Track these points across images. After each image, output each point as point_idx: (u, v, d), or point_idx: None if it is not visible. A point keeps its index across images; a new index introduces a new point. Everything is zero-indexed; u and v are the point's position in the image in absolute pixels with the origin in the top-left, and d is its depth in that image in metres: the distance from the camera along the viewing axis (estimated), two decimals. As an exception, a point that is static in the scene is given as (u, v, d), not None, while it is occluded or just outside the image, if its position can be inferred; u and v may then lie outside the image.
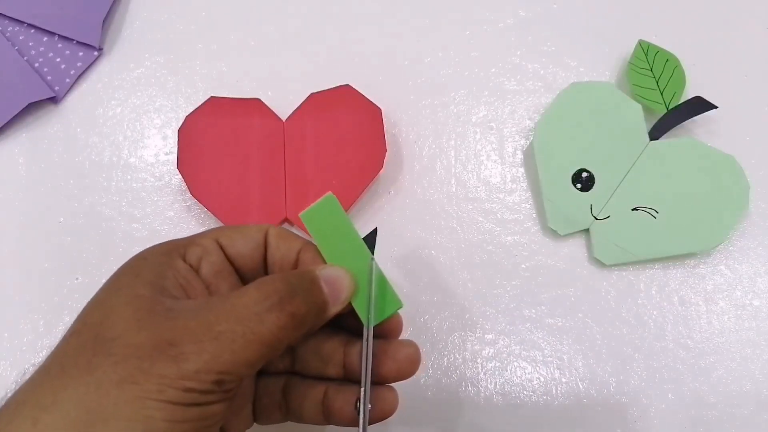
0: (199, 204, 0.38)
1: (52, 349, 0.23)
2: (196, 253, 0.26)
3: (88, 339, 0.22)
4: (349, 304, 0.27)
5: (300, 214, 0.27)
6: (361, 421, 0.25)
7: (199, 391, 0.21)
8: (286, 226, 0.39)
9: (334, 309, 0.25)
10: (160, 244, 0.26)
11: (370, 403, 0.26)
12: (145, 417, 0.20)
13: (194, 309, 0.23)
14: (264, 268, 0.28)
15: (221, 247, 0.27)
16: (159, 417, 0.20)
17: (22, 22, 0.44)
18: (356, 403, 0.27)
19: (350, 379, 0.28)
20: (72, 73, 0.43)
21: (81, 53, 0.43)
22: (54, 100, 0.42)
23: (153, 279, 0.24)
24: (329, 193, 0.27)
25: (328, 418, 0.28)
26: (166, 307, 0.23)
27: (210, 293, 0.26)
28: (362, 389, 0.26)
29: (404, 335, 0.38)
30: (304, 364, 0.29)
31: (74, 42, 0.43)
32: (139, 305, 0.22)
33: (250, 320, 0.22)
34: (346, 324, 0.28)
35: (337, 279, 0.26)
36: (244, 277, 0.28)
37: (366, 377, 0.26)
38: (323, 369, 0.28)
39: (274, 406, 0.28)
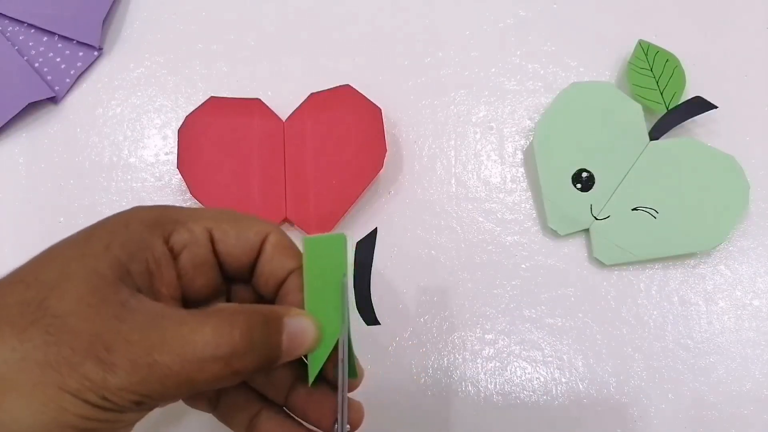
0: (199, 204, 0.38)
1: None
2: (183, 238, 0.24)
3: (35, 299, 0.21)
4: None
5: (303, 238, 0.25)
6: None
7: (117, 404, 0.20)
8: (286, 226, 0.39)
9: (285, 360, 0.24)
10: (153, 209, 0.25)
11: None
12: (58, 406, 0.20)
13: (144, 320, 0.21)
14: (251, 270, 0.26)
15: (212, 239, 0.25)
16: (72, 411, 0.20)
17: (22, 22, 0.44)
18: (334, 424, 0.26)
19: (289, 410, 0.27)
20: (72, 73, 0.43)
21: (81, 53, 0.43)
22: (54, 100, 0.42)
23: (122, 257, 0.22)
24: (343, 233, 0.25)
25: None
26: (120, 300, 0.21)
27: (182, 284, 0.25)
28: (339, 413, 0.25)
29: (404, 335, 0.38)
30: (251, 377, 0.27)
31: (74, 42, 0.43)
32: (95, 286, 0.21)
33: (191, 365, 0.21)
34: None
35: (301, 334, 0.24)
36: (226, 272, 0.26)
37: (342, 405, 0.25)
38: (266, 388, 0.27)
39: (204, 398, 0.27)
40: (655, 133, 0.40)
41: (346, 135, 0.39)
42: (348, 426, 0.25)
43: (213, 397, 0.27)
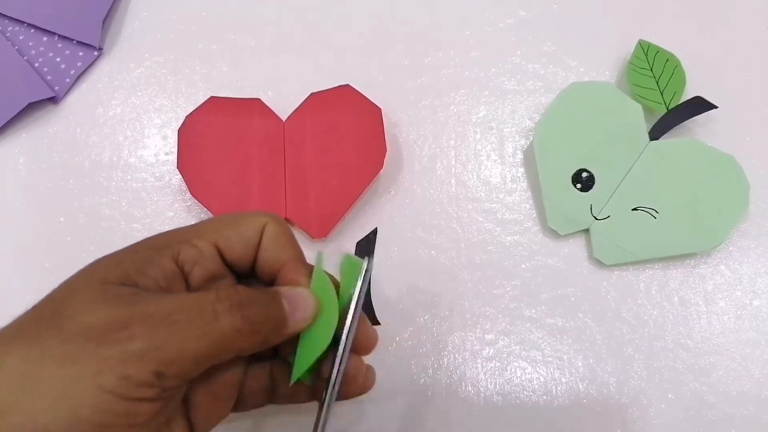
0: (199, 204, 0.38)
1: None
2: (191, 255, 0.25)
3: (47, 313, 0.22)
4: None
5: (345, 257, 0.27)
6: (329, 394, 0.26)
7: (137, 381, 0.20)
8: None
9: (293, 326, 0.25)
10: (159, 236, 0.26)
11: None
12: (73, 399, 0.20)
13: (159, 297, 0.22)
14: (254, 263, 0.27)
15: (219, 251, 0.26)
16: (87, 403, 0.20)
17: (22, 22, 0.44)
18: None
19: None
20: (72, 73, 0.43)
21: (81, 53, 0.43)
22: (54, 100, 0.42)
23: (129, 271, 0.23)
24: (367, 260, 0.26)
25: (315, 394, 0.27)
26: (130, 292, 0.22)
27: None
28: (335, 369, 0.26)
29: (404, 335, 0.38)
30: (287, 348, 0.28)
31: (74, 42, 0.43)
32: (105, 289, 0.22)
33: (207, 315, 0.22)
34: None
35: (298, 297, 0.25)
36: (238, 272, 0.27)
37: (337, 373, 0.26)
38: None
39: (260, 391, 0.28)
40: (655, 133, 0.40)
41: (346, 135, 0.39)
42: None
43: (269, 386, 0.27)
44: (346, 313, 0.26)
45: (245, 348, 0.24)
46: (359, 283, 0.26)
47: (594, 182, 0.39)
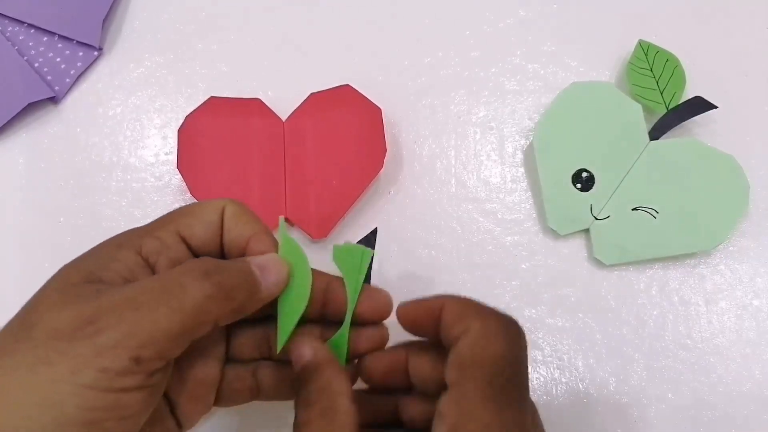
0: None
1: None
2: (153, 247, 0.25)
3: (15, 325, 0.22)
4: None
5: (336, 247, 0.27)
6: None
7: (116, 371, 0.20)
8: (285, 226, 0.39)
9: (267, 290, 0.25)
10: (120, 234, 0.25)
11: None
12: (55, 402, 0.19)
13: (123, 287, 0.22)
14: (221, 249, 0.27)
15: (183, 239, 0.25)
16: (71, 403, 0.19)
17: (22, 22, 0.44)
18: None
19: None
20: (72, 73, 0.43)
21: (81, 53, 0.43)
22: (54, 100, 0.42)
23: (91, 269, 0.23)
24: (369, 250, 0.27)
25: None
26: (95, 289, 0.22)
27: None
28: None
29: (404, 335, 0.38)
30: (274, 353, 0.28)
31: (74, 42, 0.43)
32: (67, 290, 0.22)
33: (173, 289, 0.22)
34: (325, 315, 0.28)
35: (268, 262, 0.25)
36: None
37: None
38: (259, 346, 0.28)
39: (245, 389, 0.28)
40: (655, 133, 0.40)
41: (346, 135, 0.39)
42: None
43: (254, 384, 0.27)
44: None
45: (221, 316, 0.23)
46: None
47: (594, 182, 0.39)
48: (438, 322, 0.25)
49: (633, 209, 0.39)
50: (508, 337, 0.24)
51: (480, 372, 0.22)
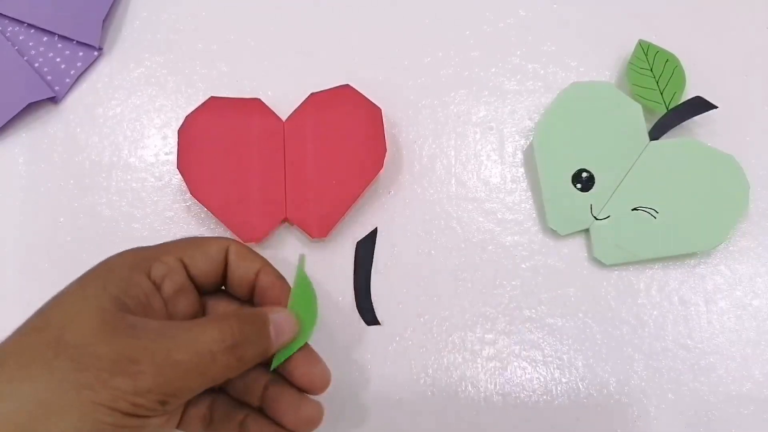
0: (199, 204, 0.38)
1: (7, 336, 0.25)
2: (161, 270, 0.28)
3: (51, 339, 0.24)
4: None
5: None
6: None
7: (146, 407, 0.24)
8: (286, 226, 0.39)
9: (274, 349, 0.28)
10: (128, 252, 0.29)
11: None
12: (94, 418, 0.23)
13: (156, 331, 0.25)
14: (223, 283, 0.31)
15: (184, 266, 0.29)
16: (107, 420, 0.23)
17: (22, 22, 0.44)
18: None
19: (266, 413, 0.30)
20: (72, 73, 0.43)
21: (81, 53, 0.43)
22: (54, 100, 0.42)
23: (118, 294, 0.26)
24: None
25: None
26: (129, 323, 0.25)
27: (168, 310, 0.28)
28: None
29: (404, 335, 0.38)
30: (230, 386, 0.30)
31: (74, 42, 0.43)
32: (104, 318, 0.24)
33: (205, 356, 0.25)
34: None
35: (284, 323, 0.29)
36: (201, 289, 0.30)
37: None
38: (244, 395, 0.30)
39: (199, 419, 0.30)
40: (655, 133, 0.40)
41: (346, 135, 0.39)
42: None
43: (207, 415, 0.30)
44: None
45: (233, 376, 0.27)
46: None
47: (594, 182, 0.39)
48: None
49: (633, 209, 0.39)
50: None
51: None
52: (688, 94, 0.41)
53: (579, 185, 0.39)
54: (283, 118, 0.40)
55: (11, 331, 0.25)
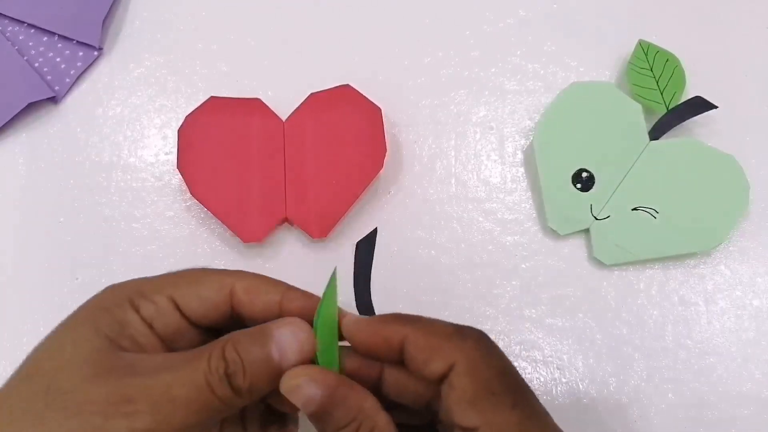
0: (199, 204, 0.38)
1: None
2: (149, 310, 0.25)
3: (41, 388, 0.22)
4: None
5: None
6: None
7: None
8: (286, 225, 0.39)
9: (287, 368, 0.24)
10: (117, 288, 0.26)
11: None
12: None
13: (154, 366, 0.23)
14: (232, 319, 0.26)
15: (177, 306, 0.25)
16: None
17: (22, 22, 0.44)
18: None
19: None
20: (72, 73, 0.43)
21: (81, 53, 0.43)
22: (54, 100, 0.42)
23: (111, 334, 0.24)
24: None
25: None
26: (126, 362, 0.23)
27: (166, 346, 0.25)
28: None
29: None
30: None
31: (74, 42, 0.43)
32: (97, 360, 0.23)
33: (203, 390, 0.22)
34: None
35: (291, 340, 0.24)
36: (208, 329, 0.27)
37: None
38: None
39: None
40: (655, 133, 0.40)
41: (346, 135, 0.39)
42: None
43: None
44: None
45: (243, 405, 0.24)
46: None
47: (594, 182, 0.39)
48: (399, 354, 0.24)
49: (633, 209, 0.39)
50: (491, 353, 0.24)
51: (503, 403, 0.23)
52: (688, 94, 0.41)
53: (579, 185, 0.39)
54: (283, 118, 0.40)
55: (12, 331, 0.25)
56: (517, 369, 0.37)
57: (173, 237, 0.39)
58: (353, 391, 0.24)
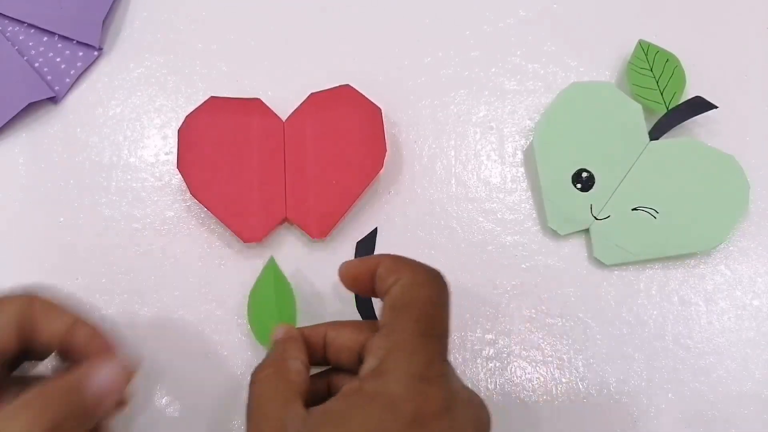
0: (199, 204, 0.38)
1: None
2: None
3: None
4: None
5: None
6: None
7: None
8: (286, 225, 0.39)
9: (110, 408, 0.25)
10: None
11: None
12: None
13: None
14: (24, 345, 0.26)
15: None
16: None
17: (22, 22, 0.44)
18: None
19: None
20: (72, 73, 0.43)
21: (81, 53, 0.43)
22: (54, 100, 0.42)
23: None
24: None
25: None
26: None
27: None
28: None
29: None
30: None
31: (74, 42, 0.43)
32: None
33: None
34: None
35: (109, 381, 0.24)
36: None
37: None
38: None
39: None
40: (655, 133, 0.40)
41: (346, 135, 0.39)
42: None
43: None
44: None
45: None
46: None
47: (594, 182, 0.39)
48: (374, 277, 0.28)
49: (633, 209, 0.39)
50: (434, 284, 0.27)
51: (409, 313, 0.25)
52: (688, 94, 0.41)
53: (579, 185, 0.39)
54: (283, 118, 0.40)
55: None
56: (517, 368, 0.37)
57: (173, 237, 0.39)
58: (289, 339, 0.29)
